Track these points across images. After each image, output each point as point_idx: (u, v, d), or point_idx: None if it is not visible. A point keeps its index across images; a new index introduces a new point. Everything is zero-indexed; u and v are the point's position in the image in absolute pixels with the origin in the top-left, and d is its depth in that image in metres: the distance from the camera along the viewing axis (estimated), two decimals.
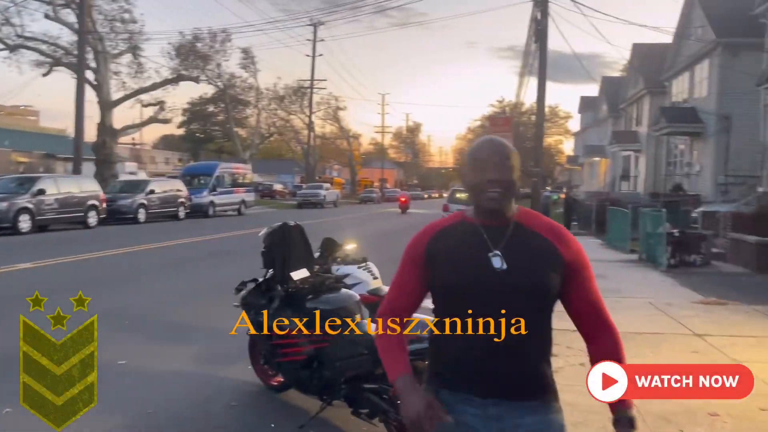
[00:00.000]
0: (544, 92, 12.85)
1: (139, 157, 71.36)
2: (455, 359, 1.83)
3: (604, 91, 42.38)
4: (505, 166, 1.81)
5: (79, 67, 25.99)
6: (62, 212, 19.47)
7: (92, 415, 4.30)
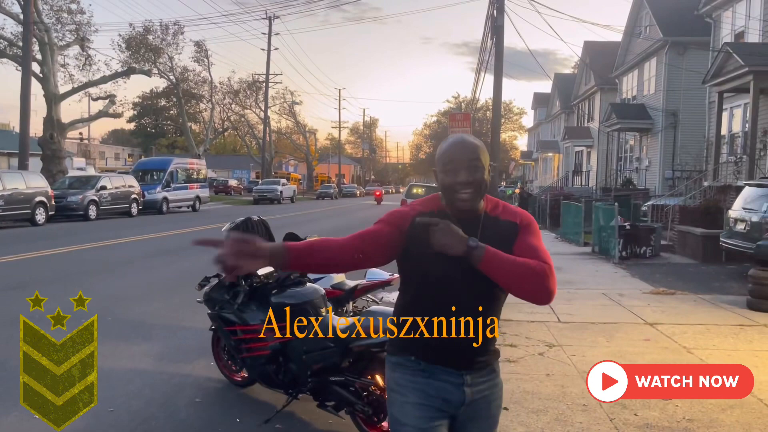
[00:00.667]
0: (500, 88, 13.05)
1: (87, 153, 69.31)
2: (424, 331, 2.05)
3: (557, 88, 43.26)
4: (475, 166, 1.94)
5: (24, 59, 25.06)
6: (8, 209, 18.78)
7: None
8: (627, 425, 4.08)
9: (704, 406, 4.41)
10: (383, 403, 3.96)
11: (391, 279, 5.57)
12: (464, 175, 1.93)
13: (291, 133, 68.11)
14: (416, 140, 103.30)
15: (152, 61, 37.05)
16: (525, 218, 2.09)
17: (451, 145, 2.00)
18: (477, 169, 1.94)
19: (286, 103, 61.05)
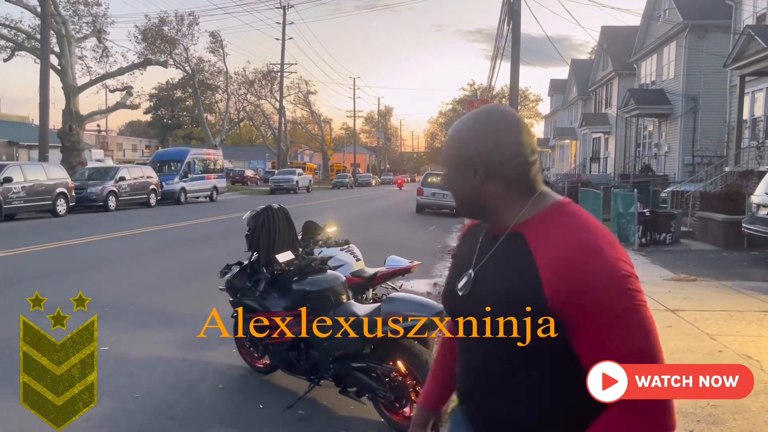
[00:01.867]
0: (517, 75, 12.93)
1: (105, 144, 69.98)
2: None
3: (574, 74, 42.79)
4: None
5: (42, 51, 25.27)
6: (30, 200, 19.03)
7: None
8: None
9: None
10: (405, 388, 3.98)
11: (411, 266, 5.57)
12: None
13: (306, 122, 68.21)
14: (431, 129, 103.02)
15: (168, 52, 37.20)
16: (572, 270, 1.23)
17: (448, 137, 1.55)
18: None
19: (301, 92, 61.16)
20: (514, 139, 1.36)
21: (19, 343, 5.04)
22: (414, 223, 20.14)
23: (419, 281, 9.40)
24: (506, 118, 1.39)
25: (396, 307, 3.93)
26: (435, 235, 16.07)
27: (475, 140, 1.37)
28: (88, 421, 3.94)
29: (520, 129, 1.38)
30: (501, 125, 1.38)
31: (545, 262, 1.25)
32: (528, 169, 1.38)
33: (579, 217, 1.32)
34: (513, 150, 1.36)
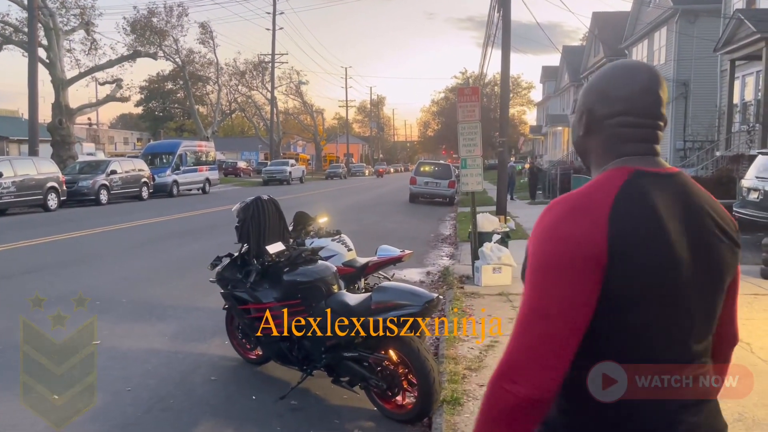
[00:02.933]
0: (508, 62, 12.84)
1: (96, 138, 69.50)
2: None
3: (566, 61, 42.73)
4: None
5: (30, 44, 25.03)
6: (20, 195, 18.91)
7: None
8: None
9: None
10: (397, 377, 3.99)
11: (402, 255, 5.58)
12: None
13: (298, 113, 67.91)
14: (424, 117, 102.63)
15: (157, 44, 36.91)
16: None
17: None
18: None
19: (293, 83, 60.84)
20: (628, 94, 1.27)
21: (12, 339, 5.07)
22: (407, 212, 20.14)
23: (412, 270, 9.42)
24: (631, 72, 1.30)
25: (387, 296, 3.94)
26: (428, 224, 16.09)
27: (590, 89, 1.35)
28: (81, 415, 3.94)
29: (643, 86, 1.27)
30: (620, 78, 1.29)
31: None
32: (629, 132, 1.27)
33: (589, 182, 1.30)
34: (621, 107, 1.27)
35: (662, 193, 1.22)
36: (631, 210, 1.18)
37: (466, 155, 8.06)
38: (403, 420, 3.99)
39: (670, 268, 1.18)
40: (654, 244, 1.17)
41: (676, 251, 1.19)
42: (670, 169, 1.28)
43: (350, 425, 3.97)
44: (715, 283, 1.26)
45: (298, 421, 4.00)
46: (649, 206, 1.19)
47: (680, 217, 1.22)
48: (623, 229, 1.16)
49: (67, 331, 5.76)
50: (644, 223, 1.18)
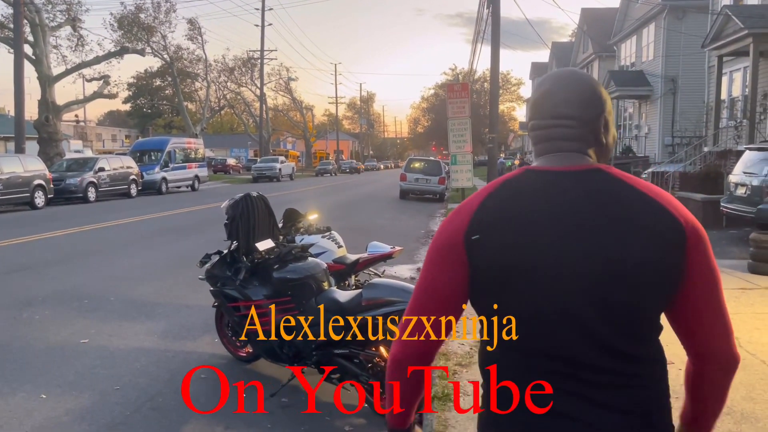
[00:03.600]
0: (498, 58, 12.88)
1: (84, 135, 68.94)
2: None
3: (555, 57, 42.83)
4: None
5: (15, 41, 24.76)
6: (6, 193, 18.73)
7: (61, 393, 4.25)
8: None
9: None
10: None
11: (392, 252, 5.56)
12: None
13: (288, 110, 67.69)
14: (414, 114, 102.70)
15: (145, 40, 36.64)
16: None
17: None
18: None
19: (282, 79, 60.63)
20: (534, 100, 1.43)
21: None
22: (397, 208, 20.14)
23: (402, 266, 9.42)
24: (542, 81, 1.45)
25: (377, 293, 3.93)
26: (419, 221, 16.09)
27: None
28: (68, 415, 3.91)
29: (544, 90, 1.40)
30: (535, 88, 1.47)
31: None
32: (537, 134, 1.40)
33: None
34: (530, 113, 1.43)
35: (546, 187, 1.28)
36: (493, 203, 1.30)
37: (456, 151, 8.05)
38: None
39: (525, 250, 1.23)
40: (505, 228, 1.26)
41: (535, 235, 1.24)
42: (578, 166, 1.31)
43: (341, 422, 3.96)
44: (613, 275, 1.21)
45: (288, 418, 3.99)
46: (512, 198, 1.29)
47: (561, 207, 1.25)
48: (480, 218, 1.29)
49: (53, 331, 5.73)
50: (499, 213, 1.28)
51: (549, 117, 1.35)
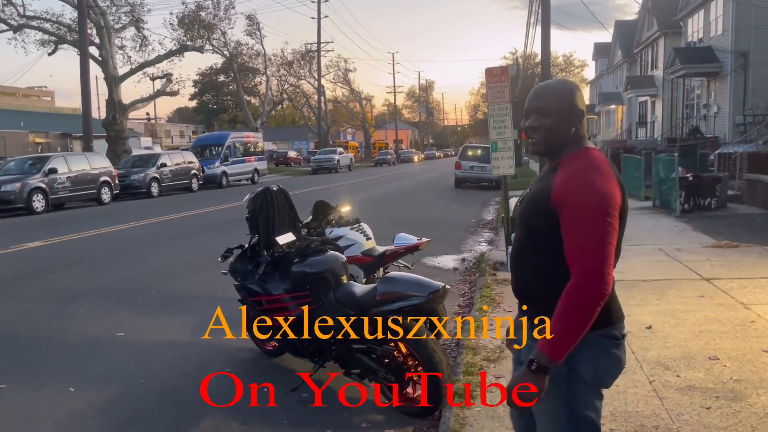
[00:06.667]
0: (548, 38, 12.44)
1: (154, 132, 71.52)
2: None
3: (618, 36, 41.19)
4: (540, 112, 1.95)
5: (81, 43, 25.80)
6: (75, 190, 19.62)
7: (88, 387, 4.34)
8: (667, 387, 3.83)
9: (755, 366, 4.10)
10: (405, 369, 3.87)
11: (419, 243, 5.42)
12: (531, 121, 1.97)
13: (347, 101, 68.06)
14: (473, 100, 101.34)
15: (205, 38, 37.50)
16: (563, 191, 1.84)
17: (531, 91, 2.04)
18: (545, 116, 1.93)
19: (340, 71, 60.95)
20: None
21: (36, 333, 5.15)
22: (450, 198, 19.89)
23: (447, 257, 9.26)
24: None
25: (392, 287, 3.81)
26: (471, 210, 15.81)
27: (565, 97, 1.96)
28: (91, 408, 3.98)
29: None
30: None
31: (557, 180, 1.87)
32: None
33: (590, 155, 1.93)
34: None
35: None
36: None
37: (496, 138, 7.80)
38: (412, 414, 3.87)
39: (623, 201, 1.95)
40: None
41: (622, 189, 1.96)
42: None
43: (359, 419, 3.88)
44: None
45: (306, 414, 3.93)
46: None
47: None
48: (618, 179, 1.94)
49: (92, 324, 5.90)
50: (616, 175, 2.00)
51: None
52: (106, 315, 6.20)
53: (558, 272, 1.86)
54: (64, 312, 6.34)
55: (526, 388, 1.79)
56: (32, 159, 20.39)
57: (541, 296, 1.93)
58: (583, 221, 1.78)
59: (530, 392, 1.79)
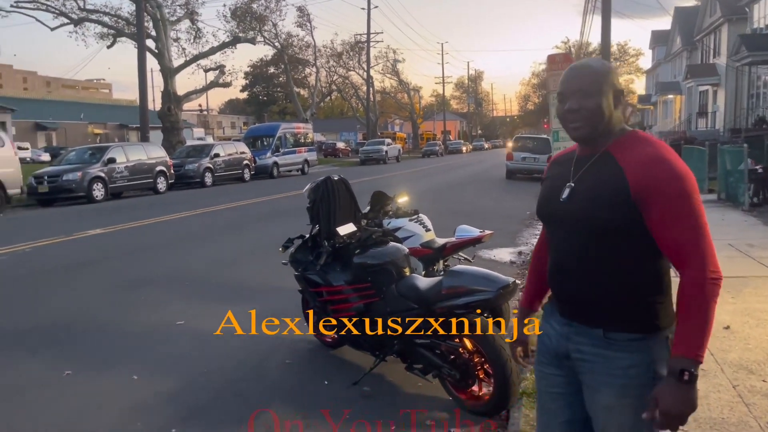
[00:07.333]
0: (609, 26, 12.00)
1: (206, 123, 72.86)
2: (548, 278, 1.97)
3: (678, 23, 39.74)
4: (581, 93, 1.77)
5: (138, 35, 26.40)
6: (133, 179, 20.12)
7: (151, 375, 4.37)
8: (753, 393, 3.59)
9: None
10: (471, 366, 3.74)
11: (482, 236, 5.26)
12: (572, 103, 1.79)
13: (395, 92, 67.87)
14: (524, 90, 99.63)
15: (257, 30, 37.90)
16: (647, 179, 1.65)
17: (565, 72, 1.88)
18: (588, 96, 1.75)
19: (389, 61, 60.78)
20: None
21: (97, 320, 5.21)
22: (502, 189, 19.56)
23: (503, 249, 9.05)
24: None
25: (459, 281, 3.67)
26: (523, 202, 15.49)
27: (609, 77, 1.79)
28: (155, 397, 3.99)
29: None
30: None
31: (629, 167, 1.69)
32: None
33: (650, 138, 1.77)
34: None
35: None
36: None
37: (558, 127, 7.56)
38: (478, 412, 3.73)
39: None
40: None
41: None
42: None
43: (423, 415, 3.77)
44: None
45: (368, 408, 3.84)
46: None
47: None
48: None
49: (153, 312, 5.96)
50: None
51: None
52: (166, 303, 6.27)
53: (636, 272, 1.73)
54: (125, 299, 6.43)
55: (679, 406, 1.60)
56: (92, 149, 20.98)
57: (615, 302, 1.75)
58: (688, 207, 1.63)
59: (682, 409, 1.61)
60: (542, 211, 1.95)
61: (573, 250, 1.81)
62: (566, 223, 1.82)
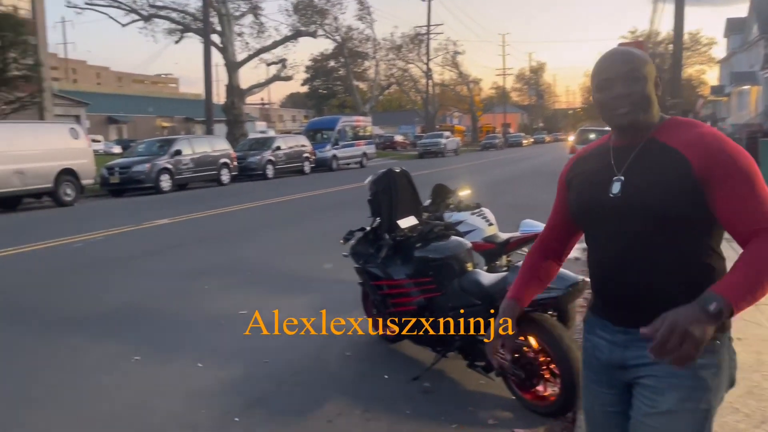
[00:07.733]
0: (682, 13, 11.47)
1: (268, 116, 74.24)
2: (593, 286, 1.84)
3: (755, 10, 37.76)
4: (634, 78, 1.68)
5: (204, 31, 27.07)
6: (198, 171, 20.70)
7: (215, 363, 4.45)
8: None
9: None
10: (537, 366, 3.63)
11: None
12: (619, 88, 1.68)
13: (454, 84, 67.29)
14: (588, 82, 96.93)
15: (318, 23, 38.25)
16: (707, 154, 1.58)
17: (603, 57, 1.76)
18: (636, 81, 1.67)
19: (449, 53, 60.27)
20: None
21: (159, 309, 5.33)
22: None
23: None
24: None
25: None
26: None
27: (649, 63, 1.72)
28: (220, 384, 4.06)
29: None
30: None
31: (686, 150, 1.61)
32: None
33: (692, 121, 1.71)
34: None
35: None
36: None
37: None
38: (543, 413, 3.62)
39: None
40: None
41: None
42: None
43: (485, 414, 3.68)
44: None
45: (429, 404, 3.79)
46: None
47: None
48: None
49: (217, 300, 6.08)
50: None
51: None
52: (230, 292, 6.39)
53: (697, 261, 1.65)
54: (190, 288, 6.59)
55: (692, 334, 1.35)
56: (159, 141, 21.70)
57: (682, 295, 1.53)
58: (755, 178, 1.58)
59: (695, 339, 1.36)
60: (585, 210, 1.80)
61: (629, 246, 1.68)
62: (619, 219, 1.68)
